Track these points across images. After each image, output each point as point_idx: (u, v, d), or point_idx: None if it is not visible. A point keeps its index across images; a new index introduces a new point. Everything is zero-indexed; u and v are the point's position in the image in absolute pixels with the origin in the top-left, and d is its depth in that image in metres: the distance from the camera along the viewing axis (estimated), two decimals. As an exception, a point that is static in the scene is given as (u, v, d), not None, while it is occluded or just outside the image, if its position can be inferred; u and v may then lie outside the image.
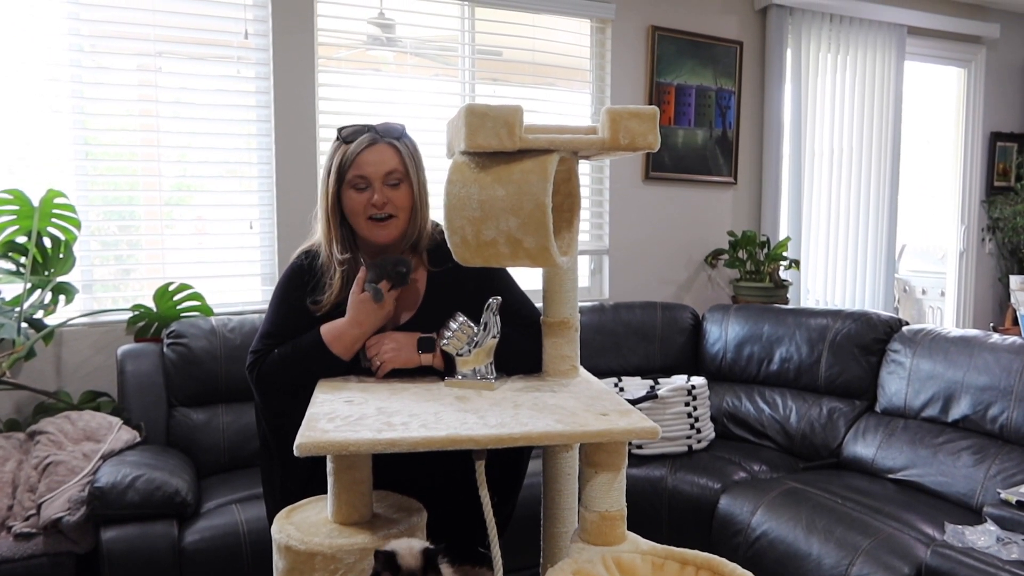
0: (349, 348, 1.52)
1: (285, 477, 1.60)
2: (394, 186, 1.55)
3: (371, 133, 1.54)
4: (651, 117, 1.33)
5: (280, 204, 3.07)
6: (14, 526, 2.09)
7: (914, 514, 2.27)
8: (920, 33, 4.50)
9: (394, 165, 1.54)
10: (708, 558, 1.15)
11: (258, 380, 1.55)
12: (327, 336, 1.51)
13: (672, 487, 2.65)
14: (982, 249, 4.96)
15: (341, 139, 1.55)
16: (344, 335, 1.51)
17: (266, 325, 1.60)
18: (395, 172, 1.55)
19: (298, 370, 1.52)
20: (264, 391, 1.56)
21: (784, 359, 3.08)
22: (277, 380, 1.53)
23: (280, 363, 1.53)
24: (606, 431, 1.19)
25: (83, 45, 2.82)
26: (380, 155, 1.53)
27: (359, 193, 1.54)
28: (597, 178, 3.81)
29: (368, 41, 3.29)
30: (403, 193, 1.56)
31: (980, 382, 2.53)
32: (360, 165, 1.52)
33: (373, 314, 1.50)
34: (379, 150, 1.54)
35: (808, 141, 4.21)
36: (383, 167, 1.53)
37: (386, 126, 1.57)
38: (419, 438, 1.15)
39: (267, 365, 1.53)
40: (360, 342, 1.53)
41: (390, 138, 1.55)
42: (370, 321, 1.51)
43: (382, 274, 1.50)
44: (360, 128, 1.55)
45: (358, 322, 1.50)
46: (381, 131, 1.55)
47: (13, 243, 2.63)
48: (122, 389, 2.61)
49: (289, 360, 1.53)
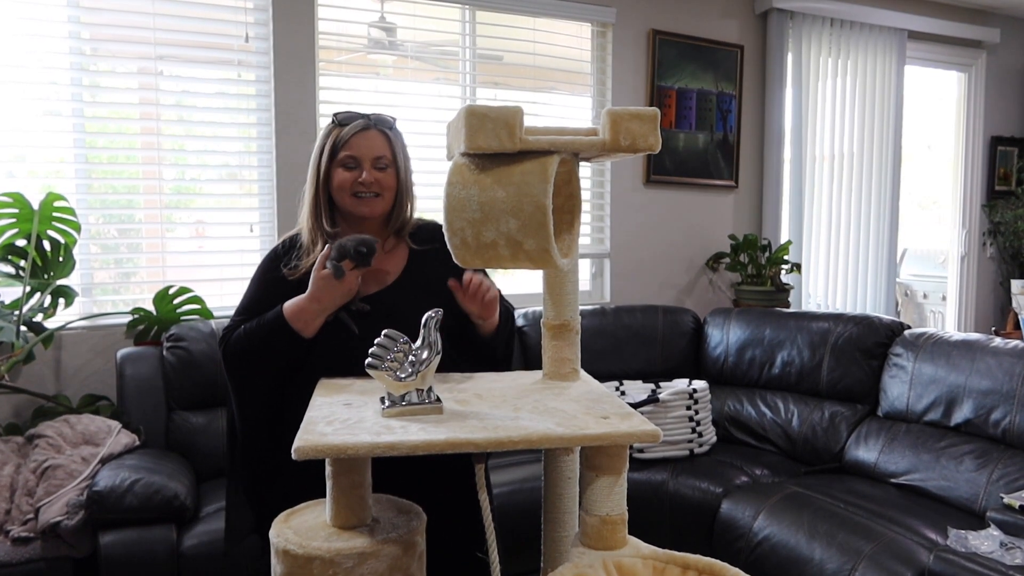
0: (308, 324, 1.55)
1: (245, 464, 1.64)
2: (381, 169, 1.63)
3: (365, 119, 1.64)
4: (652, 118, 1.32)
5: (280, 207, 3.07)
6: (12, 530, 2.08)
7: (917, 519, 2.26)
8: (921, 37, 4.50)
9: (383, 151, 1.64)
10: (710, 562, 1.14)
11: (225, 354, 1.61)
12: (288, 311, 1.55)
13: (673, 491, 2.64)
14: (983, 253, 4.96)
15: (336, 122, 1.64)
16: (303, 310, 1.54)
17: (240, 303, 1.68)
18: (383, 157, 1.63)
19: (261, 345, 1.57)
20: (230, 366, 1.61)
21: (786, 363, 3.07)
22: (242, 355, 1.58)
23: (245, 338, 1.58)
24: (607, 434, 1.18)
25: (84, 49, 2.82)
26: (371, 140, 1.63)
27: (348, 171, 1.62)
28: (598, 181, 3.81)
29: (369, 45, 3.30)
30: (389, 176, 1.65)
31: (982, 386, 2.52)
32: (352, 146, 1.61)
33: (333, 290, 1.53)
34: (371, 135, 1.63)
35: (809, 145, 4.20)
36: (373, 151, 1.62)
37: (378, 116, 1.66)
38: (418, 441, 1.14)
39: (234, 340, 1.59)
40: (319, 318, 1.56)
41: (382, 127, 1.65)
42: (329, 297, 1.53)
43: (345, 253, 1.51)
44: (355, 114, 1.65)
45: (317, 298, 1.53)
46: (374, 119, 1.65)
47: (13, 246, 2.63)
48: (121, 393, 2.60)
49: (253, 335, 1.57)
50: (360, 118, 1.63)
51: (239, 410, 1.63)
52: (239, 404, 1.62)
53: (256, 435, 1.62)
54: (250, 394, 1.60)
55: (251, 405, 1.61)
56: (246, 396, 1.61)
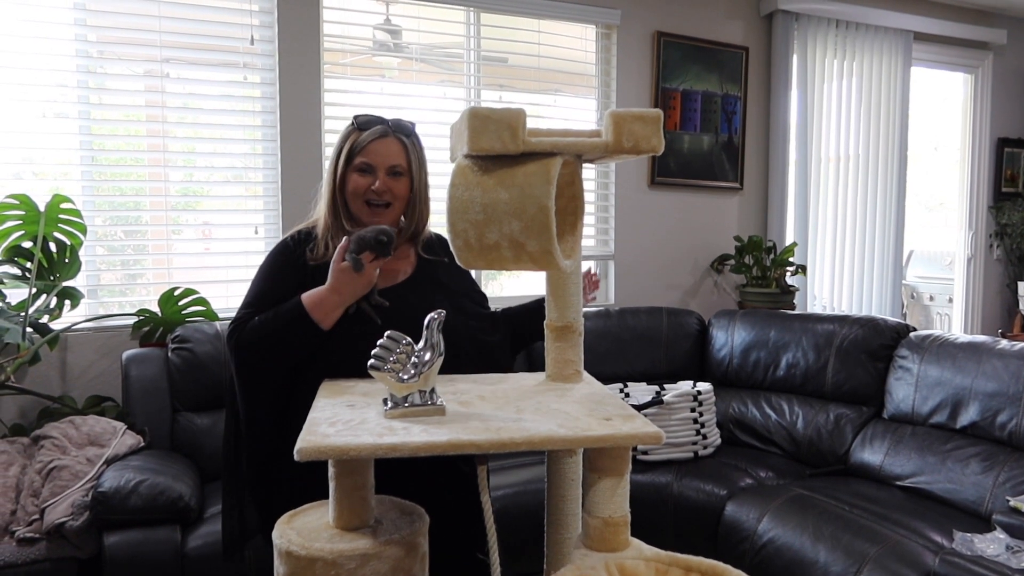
0: (328, 315, 1.54)
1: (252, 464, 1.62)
2: (395, 176, 1.63)
3: (384, 126, 1.64)
4: (655, 120, 1.32)
5: (285, 209, 3.08)
6: (17, 531, 2.09)
7: (922, 522, 2.25)
8: (927, 39, 4.48)
9: (399, 159, 1.63)
10: (713, 565, 1.14)
11: (237, 347, 1.55)
12: (307, 302, 1.54)
13: (678, 493, 2.63)
14: (990, 255, 4.94)
15: (356, 125, 1.64)
16: (324, 301, 1.53)
17: (248, 296, 1.62)
18: (399, 166, 1.63)
19: (277, 337, 1.53)
20: (243, 358, 1.55)
21: (791, 365, 3.06)
22: (257, 345, 1.53)
23: (260, 328, 1.54)
24: (609, 436, 1.18)
25: (90, 52, 2.83)
26: (388, 147, 1.62)
27: (362, 176, 1.62)
28: (603, 183, 3.81)
29: (374, 47, 3.30)
30: (402, 184, 1.65)
31: (988, 388, 2.51)
32: (368, 153, 1.61)
33: (352, 282, 1.52)
34: (388, 143, 1.63)
35: (814, 147, 4.20)
36: (389, 159, 1.62)
37: (398, 122, 1.66)
38: (421, 443, 1.14)
39: (247, 331, 1.54)
40: (339, 310, 1.55)
41: (401, 134, 1.65)
42: (349, 289, 1.53)
43: (364, 245, 1.51)
44: (375, 119, 1.64)
45: (337, 290, 1.52)
46: (393, 126, 1.65)
47: (19, 248, 2.64)
48: (127, 394, 2.61)
49: (269, 326, 1.53)
50: (379, 123, 1.63)
51: (248, 408, 1.59)
52: (248, 401, 1.59)
53: (264, 434, 1.59)
54: (261, 390, 1.57)
55: (261, 403, 1.57)
56: (256, 392, 1.57)
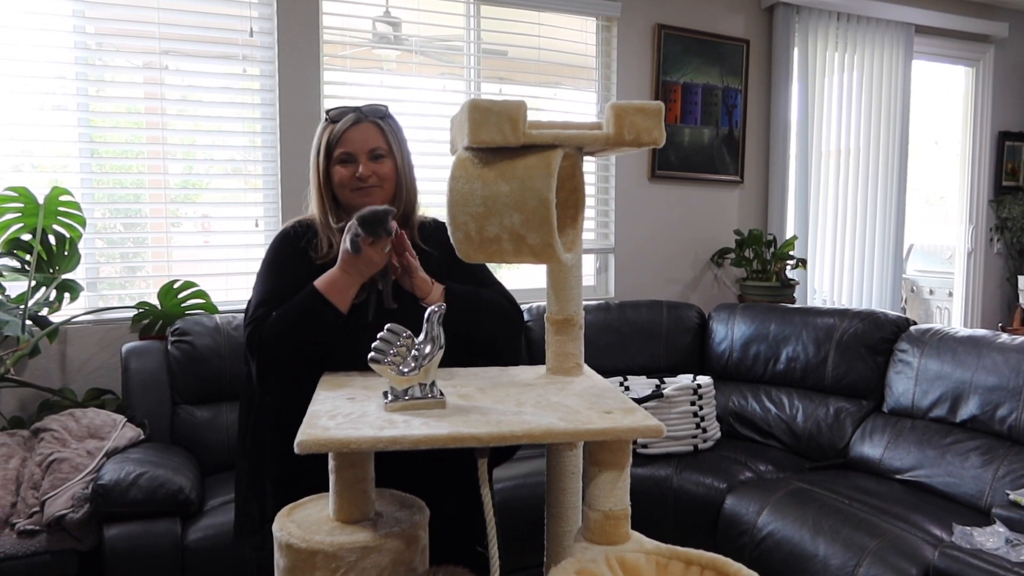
0: (343, 294, 1.52)
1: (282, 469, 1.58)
2: (378, 159, 1.62)
3: (356, 113, 1.63)
4: (656, 112, 1.32)
5: (285, 202, 3.07)
6: (18, 523, 2.09)
7: (922, 515, 2.25)
8: (928, 32, 4.47)
9: (378, 142, 1.62)
10: (713, 558, 1.14)
11: (260, 347, 1.51)
12: (321, 286, 1.52)
13: (677, 487, 2.64)
14: (990, 249, 4.93)
15: (328, 119, 1.63)
16: (336, 281, 1.52)
17: (258, 294, 1.59)
18: (379, 148, 1.62)
19: (299, 324, 1.51)
20: (268, 354, 1.51)
21: (791, 358, 3.06)
22: (281, 337, 1.50)
23: (280, 323, 1.51)
24: (610, 429, 1.18)
25: (89, 44, 2.82)
26: (364, 132, 1.61)
27: (345, 167, 1.61)
28: (603, 177, 3.80)
29: (374, 39, 3.29)
30: (386, 166, 1.63)
31: (988, 382, 2.51)
32: (346, 142, 1.60)
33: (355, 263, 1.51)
34: (363, 128, 1.62)
35: (815, 140, 4.19)
36: (367, 143, 1.61)
37: (371, 107, 1.65)
38: (421, 436, 1.14)
39: (268, 329, 1.51)
40: (353, 289, 1.53)
41: (374, 117, 1.64)
42: (355, 269, 1.51)
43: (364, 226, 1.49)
44: (346, 109, 1.63)
45: (345, 270, 1.52)
46: (366, 111, 1.64)
47: (18, 240, 2.63)
48: (126, 386, 2.61)
49: (288, 318, 1.51)
50: (351, 111, 1.62)
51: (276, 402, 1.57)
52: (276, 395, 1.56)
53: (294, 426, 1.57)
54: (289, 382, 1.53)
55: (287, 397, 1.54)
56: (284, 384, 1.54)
